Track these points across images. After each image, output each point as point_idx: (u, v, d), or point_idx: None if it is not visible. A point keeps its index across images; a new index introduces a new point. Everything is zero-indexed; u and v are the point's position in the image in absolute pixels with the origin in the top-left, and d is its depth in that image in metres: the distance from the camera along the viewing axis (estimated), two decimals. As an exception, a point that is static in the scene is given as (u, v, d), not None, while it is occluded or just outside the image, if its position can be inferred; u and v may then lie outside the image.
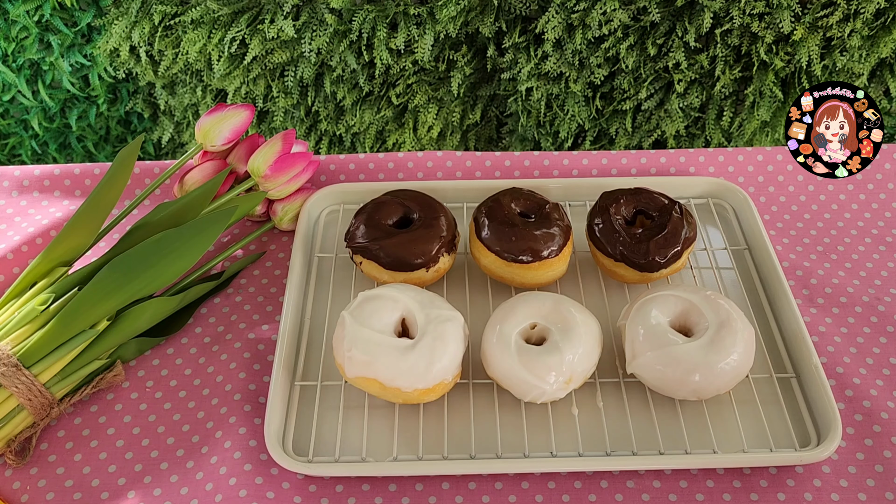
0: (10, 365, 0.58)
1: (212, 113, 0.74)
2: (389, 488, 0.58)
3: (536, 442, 0.60)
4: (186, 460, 0.60)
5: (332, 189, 0.79)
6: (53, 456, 0.61)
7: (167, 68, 1.40)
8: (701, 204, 0.79)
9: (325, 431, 0.61)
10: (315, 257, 0.75)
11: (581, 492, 0.58)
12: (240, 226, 0.79)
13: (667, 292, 0.63)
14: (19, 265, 0.73)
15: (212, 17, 1.29)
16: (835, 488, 0.58)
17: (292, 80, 1.32)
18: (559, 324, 0.61)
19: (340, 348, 0.60)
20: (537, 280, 0.68)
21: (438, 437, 0.60)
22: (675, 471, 0.59)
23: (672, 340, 0.59)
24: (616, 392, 0.63)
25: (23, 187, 0.81)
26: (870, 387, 0.64)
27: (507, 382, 0.60)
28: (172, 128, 1.53)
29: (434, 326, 0.60)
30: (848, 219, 0.79)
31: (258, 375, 0.65)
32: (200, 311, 0.71)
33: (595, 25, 1.17)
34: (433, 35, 1.23)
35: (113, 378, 0.64)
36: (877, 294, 0.71)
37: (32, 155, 1.61)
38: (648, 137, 1.31)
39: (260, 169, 0.73)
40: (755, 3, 1.13)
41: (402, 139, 1.36)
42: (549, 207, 0.70)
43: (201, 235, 0.65)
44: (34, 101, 1.51)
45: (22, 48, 1.44)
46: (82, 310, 0.61)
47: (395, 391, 0.59)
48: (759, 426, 0.61)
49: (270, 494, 0.57)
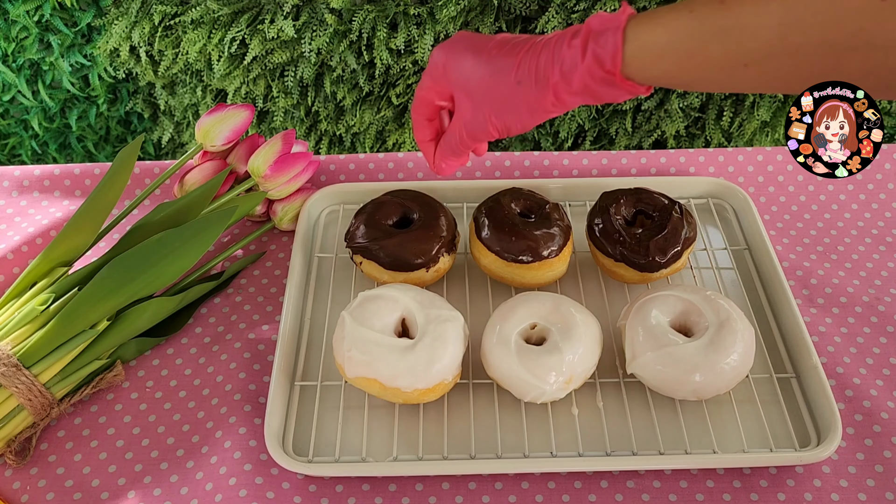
0: (10, 365, 0.58)
1: (212, 113, 0.74)
2: (389, 488, 0.58)
3: (536, 442, 0.60)
4: (186, 460, 0.60)
5: (332, 189, 0.79)
6: (53, 456, 0.61)
7: (167, 68, 1.40)
8: (701, 204, 0.79)
9: (325, 431, 0.61)
10: (315, 257, 0.75)
11: (581, 492, 0.58)
12: (240, 226, 0.79)
13: (667, 292, 0.63)
14: (19, 265, 0.73)
15: (212, 17, 1.29)
16: (835, 488, 0.58)
17: (292, 80, 1.32)
18: (559, 324, 0.61)
19: (340, 348, 0.60)
20: (537, 280, 0.68)
21: (438, 437, 0.60)
22: (675, 471, 0.59)
23: (672, 340, 0.59)
24: (616, 392, 0.63)
25: (23, 187, 0.81)
26: (870, 387, 0.64)
27: (507, 382, 0.60)
28: (172, 128, 1.53)
29: (434, 326, 0.60)
30: (848, 219, 0.79)
31: (258, 375, 0.65)
32: (200, 311, 0.71)
33: (595, 25, 1.17)
34: (433, 35, 1.23)
35: (113, 378, 0.64)
36: (877, 294, 0.71)
37: (32, 155, 1.61)
38: (648, 137, 1.31)
39: (260, 169, 0.73)
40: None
41: (402, 139, 1.36)
42: (549, 207, 0.70)
43: (201, 235, 0.65)
44: (34, 101, 1.51)
45: (22, 48, 1.44)
46: (82, 310, 0.61)
47: (395, 391, 0.59)
48: (759, 426, 0.61)
49: (270, 494, 0.57)
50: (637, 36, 0.48)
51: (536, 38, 0.53)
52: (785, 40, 0.42)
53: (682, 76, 0.47)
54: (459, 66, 0.55)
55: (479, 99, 0.55)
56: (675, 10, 0.46)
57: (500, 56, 0.53)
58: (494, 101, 0.54)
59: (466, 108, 0.57)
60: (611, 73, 0.49)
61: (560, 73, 0.50)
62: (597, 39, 0.49)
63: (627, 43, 0.48)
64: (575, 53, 0.50)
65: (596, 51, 0.49)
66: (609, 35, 0.48)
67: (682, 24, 0.46)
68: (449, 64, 0.56)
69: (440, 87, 0.58)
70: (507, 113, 0.54)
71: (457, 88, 0.57)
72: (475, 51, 0.55)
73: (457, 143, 0.59)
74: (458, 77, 0.56)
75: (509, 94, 0.53)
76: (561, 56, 0.50)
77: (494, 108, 0.55)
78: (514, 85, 0.53)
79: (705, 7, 0.45)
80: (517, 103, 0.53)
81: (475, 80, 0.55)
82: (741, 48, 0.44)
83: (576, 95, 0.51)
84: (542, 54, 0.51)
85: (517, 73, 0.52)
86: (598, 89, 0.50)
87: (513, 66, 0.53)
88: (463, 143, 0.58)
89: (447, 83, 0.57)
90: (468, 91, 0.56)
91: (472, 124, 0.57)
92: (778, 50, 0.42)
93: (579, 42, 0.49)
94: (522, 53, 0.52)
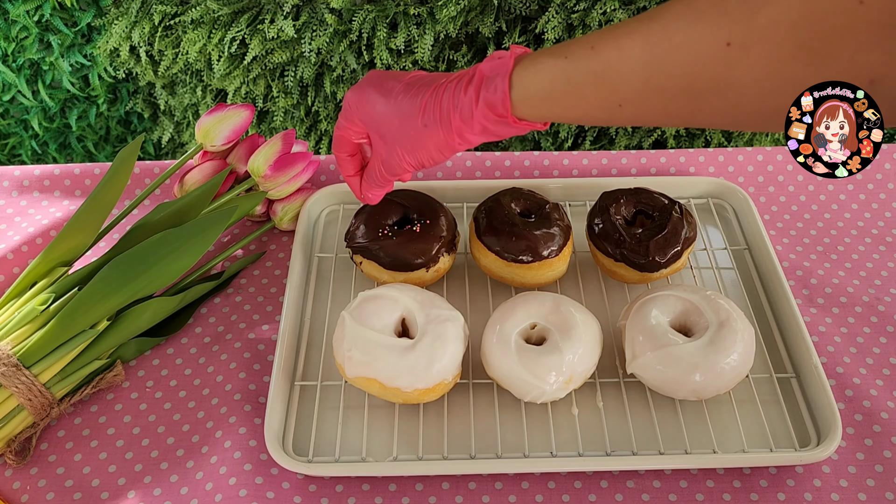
0: (10, 365, 0.58)
1: (212, 113, 0.74)
2: (389, 488, 0.58)
3: (536, 442, 0.60)
4: (186, 460, 0.60)
5: (332, 189, 0.79)
6: (53, 456, 0.61)
7: (167, 68, 1.40)
8: (701, 204, 0.79)
9: (325, 431, 0.61)
10: (315, 257, 0.75)
11: (581, 492, 0.58)
12: (240, 226, 0.79)
13: (667, 292, 0.63)
14: (19, 265, 0.73)
15: (212, 17, 1.29)
16: (835, 488, 0.58)
17: (292, 80, 1.32)
18: (559, 324, 0.61)
19: (340, 348, 0.60)
20: (537, 280, 0.68)
21: (438, 437, 0.60)
22: (675, 471, 0.59)
23: (672, 340, 0.59)
24: (616, 392, 0.63)
25: (23, 187, 0.81)
26: (870, 387, 0.64)
27: (507, 382, 0.60)
28: (172, 128, 1.53)
29: (434, 326, 0.60)
30: (848, 219, 0.79)
31: (258, 375, 0.65)
32: (200, 311, 0.71)
33: (595, 25, 1.17)
34: (433, 35, 1.23)
35: (113, 378, 0.64)
36: (877, 294, 0.71)
37: (32, 155, 1.61)
38: (648, 137, 1.31)
39: (260, 169, 0.73)
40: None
41: (402, 139, 1.36)
42: (549, 207, 0.70)
43: (201, 235, 0.65)
44: (34, 101, 1.51)
45: (22, 48, 1.44)
46: (82, 310, 0.61)
47: (395, 391, 0.59)
48: (759, 426, 0.61)
49: (270, 494, 0.57)
50: (521, 81, 0.51)
51: (440, 78, 0.57)
52: (650, 83, 0.45)
53: (567, 115, 0.51)
54: (370, 110, 0.59)
55: (391, 139, 0.59)
56: (553, 56, 0.50)
57: (405, 100, 0.57)
58: (405, 141, 0.58)
59: (381, 147, 0.60)
60: (503, 116, 0.53)
61: (460, 118, 0.54)
62: (487, 86, 0.53)
63: (514, 88, 0.52)
64: (470, 99, 0.53)
65: (487, 97, 0.53)
66: (497, 81, 0.52)
67: (558, 70, 0.49)
68: (361, 106, 0.60)
69: (356, 127, 0.61)
70: (418, 151, 0.58)
71: (370, 129, 0.61)
72: (384, 94, 0.58)
73: (377, 178, 0.62)
74: (370, 119, 0.60)
75: (417, 135, 0.57)
76: (459, 101, 0.54)
77: (406, 147, 0.58)
78: (421, 127, 0.56)
79: (578, 52, 0.48)
80: (426, 143, 0.57)
81: (385, 123, 0.58)
82: (613, 90, 0.47)
83: (478, 135, 0.55)
84: (443, 99, 0.55)
85: (423, 117, 0.56)
86: (496, 129, 0.54)
87: (418, 110, 0.56)
88: (383, 177, 0.62)
89: (361, 124, 0.61)
90: (380, 132, 0.60)
91: (388, 162, 0.60)
92: (646, 92, 0.46)
93: (473, 88, 0.53)
94: (427, 97, 0.56)
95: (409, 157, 0.59)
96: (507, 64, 0.52)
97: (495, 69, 0.53)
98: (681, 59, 0.43)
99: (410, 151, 0.58)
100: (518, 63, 0.52)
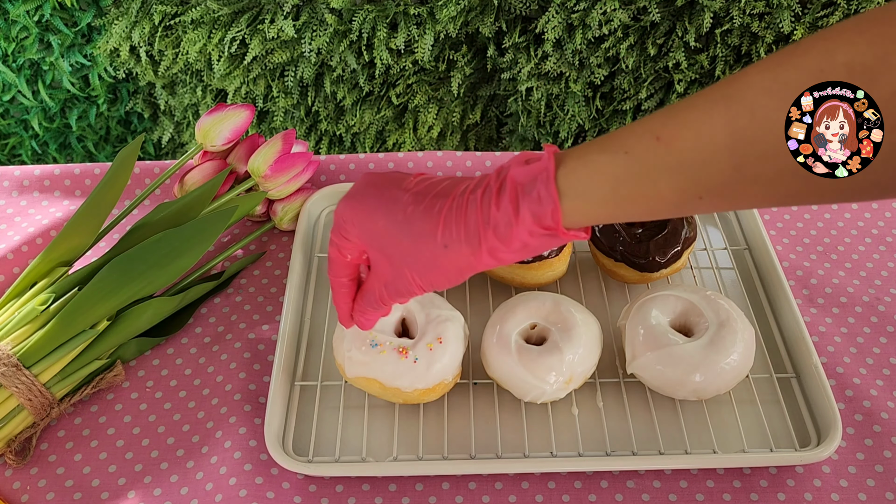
0: (11, 365, 0.58)
1: (212, 113, 0.74)
2: (389, 488, 0.58)
3: (536, 442, 0.60)
4: (186, 460, 0.60)
5: (332, 189, 0.79)
6: (53, 456, 0.61)
7: (167, 68, 1.40)
8: (701, 204, 0.79)
9: (325, 431, 0.61)
10: (315, 257, 0.75)
11: (581, 492, 0.58)
12: (240, 226, 0.79)
13: (667, 292, 0.63)
14: (19, 265, 0.73)
15: (212, 17, 1.29)
16: (835, 488, 0.58)
17: (292, 80, 1.32)
18: (559, 324, 0.61)
19: (340, 348, 0.60)
20: (537, 280, 0.68)
21: (438, 437, 0.60)
22: (675, 471, 0.59)
23: (672, 340, 0.59)
24: (616, 392, 0.63)
25: (23, 187, 0.81)
26: (870, 387, 0.64)
27: (507, 382, 0.60)
28: (172, 128, 1.54)
29: (434, 326, 0.60)
30: (848, 219, 0.79)
31: (258, 375, 0.65)
32: (200, 311, 0.71)
33: (595, 25, 1.17)
34: (433, 35, 1.23)
35: (113, 378, 0.64)
36: (877, 294, 0.71)
37: (32, 155, 1.61)
38: (648, 137, 1.31)
39: (260, 169, 0.73)
40: (755, 3, 1.13)
41: (403, 139, 1.36)
42: (549, 207, 0.69)
43: (201, 235, 0.65)
44: (34, 101, 1.51)
45: (22, 48, 1.44)
46: (82, 310, 0.61)
47: (395, 391, 0.59)
48: (759, 426, 0.61)
49: (270, 494, 0.57)
50: (572, 186, 0.43)
51: (457, 187, 0.48)
52: (741, 171, 0.39)
53: (629, 215, 0.44)
54: (371, 227, 0.50)
55: (399, 261, 0.49)
56: (607, 152, 0.43)
57: (418, 216, 0.48)
58: (417, 263, 0.49)
59: (384, 269, 0.51)
60: (551, 229, 0.45)
61: (495, 236, 0.46)
62: (526, 195, 0.44)
63: (563, 196, 0.44)
64: (507, 213, 0.45)
65: (533, 209, 0.44)
66: (540, 189, 0.44)
67: (620, 169, 0.42)
68: (359, 223, 0.50)
69: (353, 247, 0.52)
70: (432, 274, 0.49)
71: (370, 247, 0.51)
72: (387, 207, 0.49)
73: (377, 301, 0.53)
74: (371, 237, 0.50)
75: (434, 256, 0.48)
76: (491, 216, 0.45)
77: (418, 270, 0.49)
78: (441, 248, 0.47)
79: (640, 144, 0.42)
80: (444, 265, 0.48)
81: (393, 242, 0.49)
82: (694, 183, 0.41)
83: (515, 253, 0.47)
84: (468, 214, 0.46)
85: (443, 237, 0.47)
86: (538, 244, 0.46)
87: (436, 229, 0.47)
88: (384, 301, 0.53)
89: (359, 243, 0.51)
90: (385, 252, 0.50)
91: (394, 285, 0.51)
92: (735, 180, 0.39)
93: (508, 200, 0.45)
94: (445, 213, 0.47)
95: (421, 281, 0.49)
96: (546, 168, 0.44)
97: (532, 174, 0.44)
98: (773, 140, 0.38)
99: (423, 274, 0.49)
100: (561, 165, 0.44)
